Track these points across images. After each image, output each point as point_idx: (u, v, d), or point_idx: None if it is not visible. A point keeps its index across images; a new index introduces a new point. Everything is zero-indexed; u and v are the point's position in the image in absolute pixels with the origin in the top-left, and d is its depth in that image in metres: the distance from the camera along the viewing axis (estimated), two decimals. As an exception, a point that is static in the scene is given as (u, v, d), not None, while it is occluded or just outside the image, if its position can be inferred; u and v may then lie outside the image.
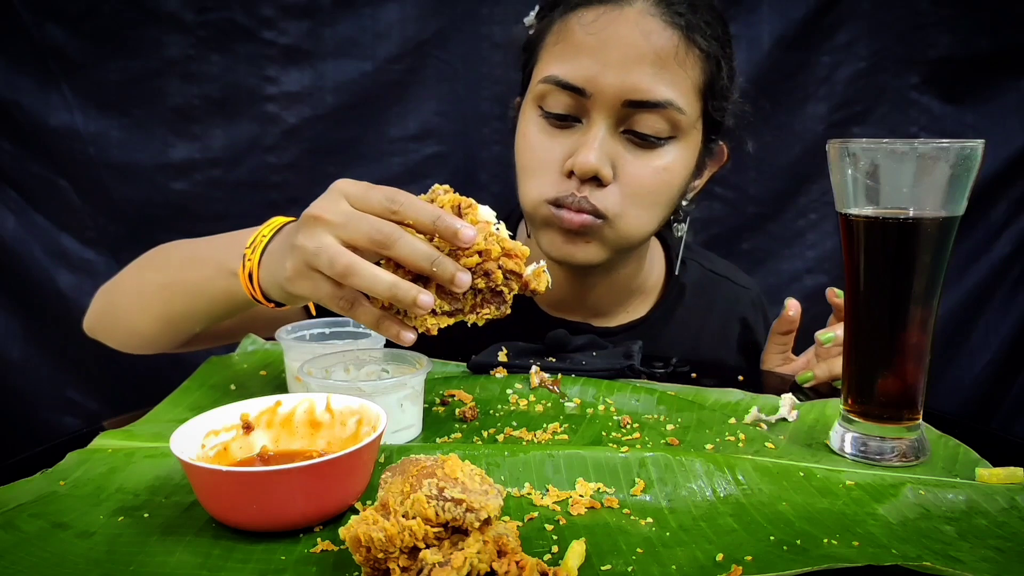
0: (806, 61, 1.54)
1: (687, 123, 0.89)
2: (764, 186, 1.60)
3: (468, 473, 0.49)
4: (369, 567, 0.46)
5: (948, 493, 0.60)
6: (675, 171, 0.91)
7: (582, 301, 1.04)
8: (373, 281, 0.62)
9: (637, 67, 0.85)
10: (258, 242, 0.74)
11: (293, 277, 0.65)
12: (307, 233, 0.64)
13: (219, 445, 0.61)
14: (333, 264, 0.62)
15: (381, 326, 0.65)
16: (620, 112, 0.87)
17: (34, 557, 0.51)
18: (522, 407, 0.79)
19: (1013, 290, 1.61)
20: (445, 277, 0.62)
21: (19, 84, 1.44)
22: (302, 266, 0.64)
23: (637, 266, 1.05)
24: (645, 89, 0.85)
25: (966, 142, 0.61)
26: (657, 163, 0.89)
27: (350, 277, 0.62)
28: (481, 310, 0.66)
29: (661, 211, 0.93)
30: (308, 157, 1.54)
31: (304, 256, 0.64)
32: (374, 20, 1.50)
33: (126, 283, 0.94)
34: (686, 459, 0.65)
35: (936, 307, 0.66)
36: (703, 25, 0.88)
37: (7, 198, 1.49)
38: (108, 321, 0.96)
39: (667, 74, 0.86)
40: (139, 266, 0.94)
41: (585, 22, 0.87)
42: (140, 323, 0.92)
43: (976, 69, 1.53)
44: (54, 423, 1.56)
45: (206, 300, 0.83)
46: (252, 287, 0.73)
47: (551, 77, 0.88)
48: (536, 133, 0.92)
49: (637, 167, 0.88)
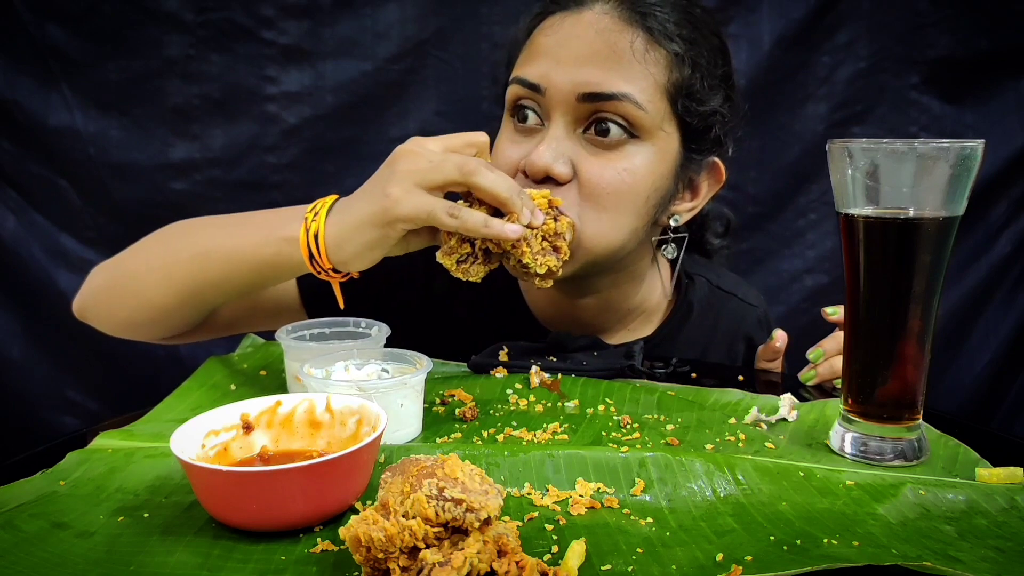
0: (806, 61, 1.55)
1: (650, 122, 0.85)
2: (764, 186, 1.60)
3: (468, 473, 0.49)
4: (369, 567, 0.46)
5: (948, 493, 0.60)
6: (639, 174, 0.85)
7: (575, 318, 1.01)
8: (493, 182, 0.74)
9: (590, 62, 0.84)
10: (320, 208, 0.78)
11: (402, 197, 0.72)
12: (410, 159, 0.74)
13: (219, 445, 0.61)
14: (462, 166, 0.73)
15: (490, 224, 0.74)
16: (577, 109, 0.84)
17: (34, 557, 0.51)
18: (522, 407, 0.79)
19: (1013, 290, 1.61)
20: (527, 208, 0.74)
21: (19, 84, 1.44)
22: (411, 185, 0.73)
23: (632, 287, 1.00)
24: (597, 82, 0.83)
25: (966, 142, 0.61)
26: (618, 164, 0.85)
27: (475, 175, 0.73)
28: (539, 257, 0.77)
29: (625, 218, 0.87)
30: (308, 157, 1.54)
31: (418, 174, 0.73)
32: (374, 20, 1.50)
33: (143, 255, 0.91)
34: (686, 459, 0.65)
35: (936, 307, 0.66)
36: (669, 26, 0.86)
37: (7, 198, 1.50)
38: (111, 298, 0.93)
39: (622, 69, 0.84)
40: (161, 237, 0.91)
41: (546, 27, 0.89)
42: (157, 295, 0.88)
43: (976, 69, 1.54)
44: (54, 423, 1.56)
45: (249, 266, 0.83)
46: (317, 249, 0.77)
47: (513, 78, 0.89)
48: (503, 140, 0.91)
49: (595, 167, 0.85)
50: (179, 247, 0.88)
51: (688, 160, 0.91)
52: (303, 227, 0.77)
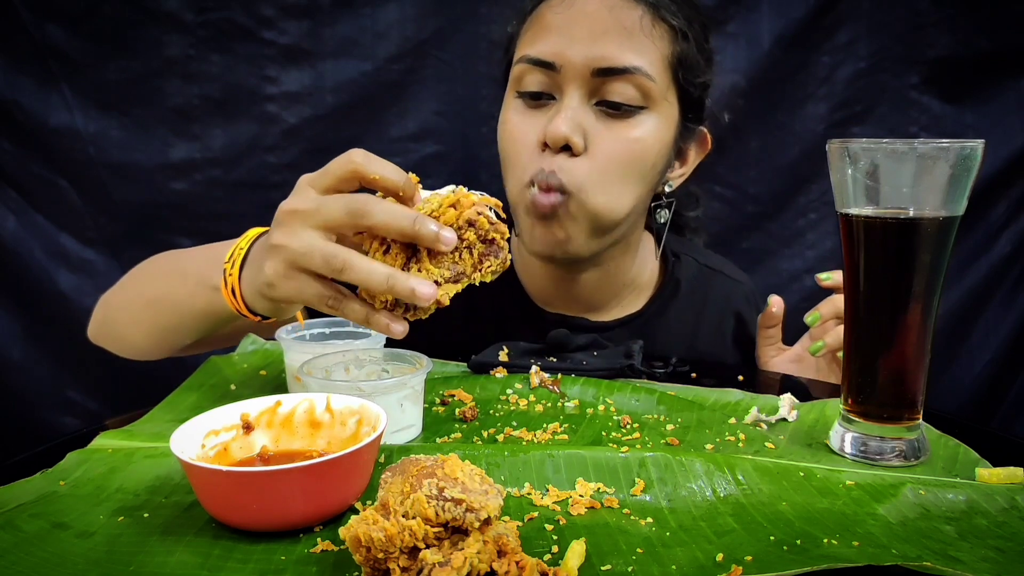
0: (806, 61, 1.54)
1: (658, 92, 0.90)
2: (764, 186, 1.60)
3: (468, 473, 0.49)
4: (369, 567, 0.46)
5: (948, 493, 0.60)
6: (648, 143, 0.91)
7: (573, 295, 1.05)
8: (369, 273, 0.60)
9: (603, 37, 0.88)
10: (236, 255, 0.72)
11: (275, 281, 0.63)
12: (286, 231, 0.62)
13: (219, 445, 0.61)
14: (330, 261, 0.60)
15: (371, 320, 0.63)
16: (590, 83, 0.89)
17: (34, 557, 0.51)
18: (522, 407, 0.79)
19: (1013, 290, 1.61)
20: (429, 236, 0.60)
21: (19, 84, 1.44)
22: (284, 267, 0.62)
23: (628, 259, 1.04)
24: (612, 57, 0.88)
25: (966, 142, 0.61)
26: (629, 133, 0.90)
27: (346, 272, 0.60)
28: (483, 266, 0.63)
29: (635, 186, 0.92)
30: (308, 157, 1.54)
31: (289, 256, 0.62)
32: (374, 20, 1.50)
33: (118, 297, 0.95)
34: (686, 459, 0.65)
35: (936, 307, 0.66)
36: (669, 2, 0.92)
37: (7, 198, 1.49)
38: (107, 331, 0.97)
39: (634, 43, 0.89)
40: (131, 279, 0.94)
41: (553, 4, 0.92)
42: (133, 336, 0.92)
43: (976, 69, 1.53)
44: (54, 423, 1.56)
45: (192, 315, 0.82)
46: (236, 301, 0.71)
47: (523, 57, 0.92)
48: (513, 116, 0.94)
49: (608, 137, 0.90)
50: (139, 293, 0.92)
51: (684, 129, 0.97)
52: (223, 280, 0.72)
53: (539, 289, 1.07)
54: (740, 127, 1.53)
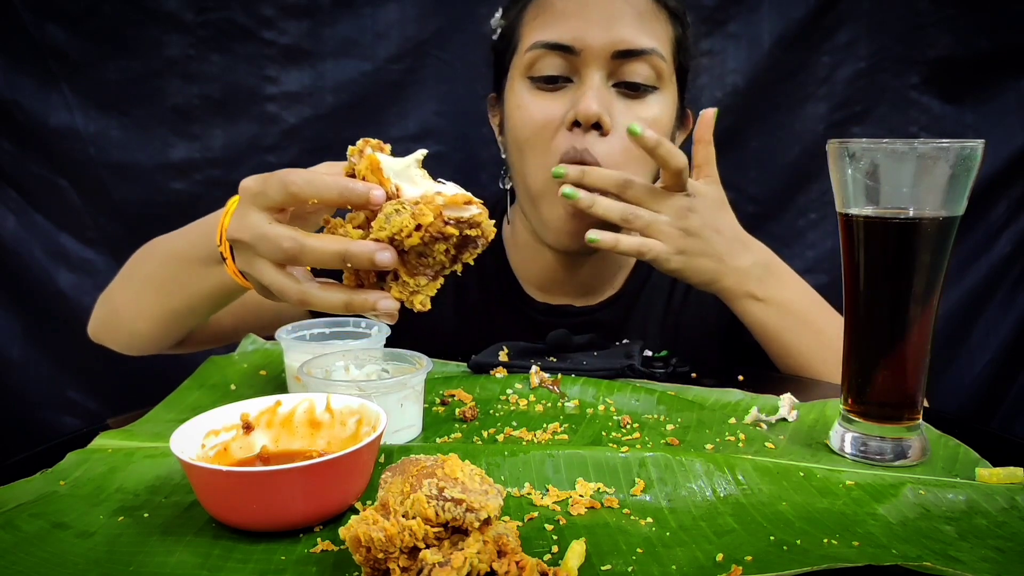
0: (806, 61, 1.54)
1: (668, 73, 0.96)
2: (764, 186, 1.60)
3: (468, 473, 0.49)
4: (369, 567, 0.46)
5: (948, 493, 0.60)
6: (661, 120, 0.96)
7: (573, 281, 1.05)
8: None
9: (620, 20, 0.92)
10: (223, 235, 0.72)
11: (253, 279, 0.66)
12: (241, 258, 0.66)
13: (219, 445, 0.61)
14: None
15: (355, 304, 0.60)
16: (610, 65, 0.92)
17: (34, 557, 0.51)
18: (522, 407, 0.79)
19: (1013, 290, 1.61)
20: (364, 266, 0.58)
21: (19, 84, 1.44)
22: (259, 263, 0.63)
23: None
24: (630, 39, 0.92)
25: (966, 142, 0.61)
26: (646, 112, 0.94)
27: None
28: (462, 256, 0.61)
29: (650, 163, 0.94)
30: (308, 157, 1.53)
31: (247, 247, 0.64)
32: (374, 20, 1.50)
33: (122, 289, 0.95)
34: (686, 459, 0.65)
35: (936, 307, 0.66)
36: None
37: (7, 198, 1.49)
38: (110, 326, 0.97)
39: (646, 26, 0.93)
40: (131, 270, 0.95)
41: None
42: (140, 326, 0.92)
43: (976, 69, 1.53)
44: (54, 423, 1.56)
45: (201, 295, 0.84)
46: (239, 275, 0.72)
47: (539, 42, 0.93)
48: (530, 100, 0.95)
49: (630, 116, 0.93)
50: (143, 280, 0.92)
51: (681, 111, 1.02)
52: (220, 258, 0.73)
53: (534, 276, 1.08)
54: (740, 127, 1.53)
